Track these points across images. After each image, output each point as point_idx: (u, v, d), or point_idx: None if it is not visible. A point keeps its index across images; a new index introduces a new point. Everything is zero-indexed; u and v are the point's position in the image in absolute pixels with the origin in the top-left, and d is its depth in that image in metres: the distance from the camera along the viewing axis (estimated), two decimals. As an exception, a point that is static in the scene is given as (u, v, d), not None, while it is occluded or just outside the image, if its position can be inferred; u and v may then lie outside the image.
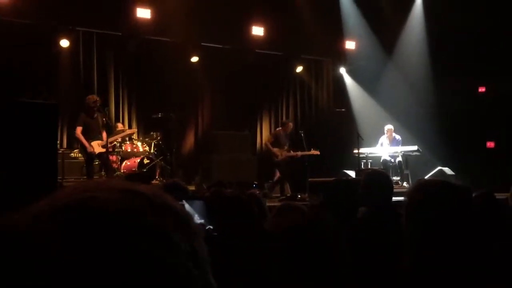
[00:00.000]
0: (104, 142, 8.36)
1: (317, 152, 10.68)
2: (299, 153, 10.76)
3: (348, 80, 14.26)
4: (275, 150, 10.67)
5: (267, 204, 3.69)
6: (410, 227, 1.69)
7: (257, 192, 3.63)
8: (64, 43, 10.70)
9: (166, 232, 0.53)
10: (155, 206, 0.54)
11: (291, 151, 10.75)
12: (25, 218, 0.51)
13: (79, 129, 8.32)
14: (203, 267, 0.55)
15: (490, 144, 13.02)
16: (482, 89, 13.37)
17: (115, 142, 9.32)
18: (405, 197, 1.81)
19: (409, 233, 1.69)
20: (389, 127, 11.57)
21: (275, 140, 10.82)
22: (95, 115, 8.40)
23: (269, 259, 1.25)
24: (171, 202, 0.56)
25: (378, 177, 3.54)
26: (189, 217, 0.57)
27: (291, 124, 11.21)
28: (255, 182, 9.90)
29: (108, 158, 8.53)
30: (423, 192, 1.70)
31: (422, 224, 1.64)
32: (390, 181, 3.81)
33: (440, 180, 2.01)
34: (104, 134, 8.45)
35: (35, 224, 0.50)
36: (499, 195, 3.41)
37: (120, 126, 10.43)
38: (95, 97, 8.60)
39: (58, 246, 0.48)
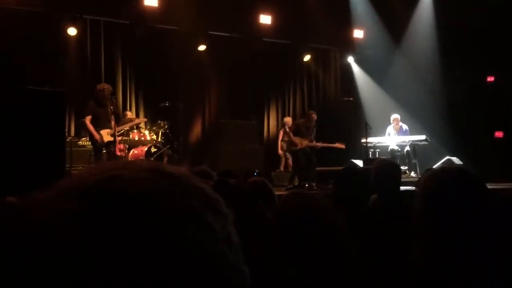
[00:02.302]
0: (112, 131, 8.37)
1: (343, 146, 10.65)
2: (320, 144, 10.75)
3: (356, 69, 14.20)
4: (295, 138, 10.73)
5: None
6: (422, 217, 1.67)
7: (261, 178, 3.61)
8: (72, 31, 10.70)
9: (200, 214, 0.50)
10: (186, 186, 0.52)
11: (314, 142, 10.77)
12: (51, 197, 0.49)
13: (88, 119, 8.31)
14: (237, 253, 0.52)
15: (499, 134, 12.94)
16: (490, 79, 13.27)
17: (123, 130, 9.33)
18: (418, 185, 1.79)
19: (421, 222, 1.67)
20: (395, 116, 11.52)
21: (297, 130, 10.89)
22: (105, 104, 8.37)
23: (271, 251, 1.23)
24: (201, 184, 0.54)
25: (387, 166, 3.53)
26: (220, 201, 0.54)
27: (314, 115, 11.15)
28: (256, 171, 9.90)
29: (115, 148, 8.52)
30: (437, 180, 1.68)
31: (435, 213, 1.62)
32: (399, 170, 3.80)
33: (457, 167, 1.99)
34: (113, 123, 8.45)
35: (62, 203, 0.48)
36: (507, 185, 3.39)
37: (129, 114, 10.44)
38: (104, 85, 8.58)
39: (88, 226, 0.46)
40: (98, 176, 0.50)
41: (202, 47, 12.04)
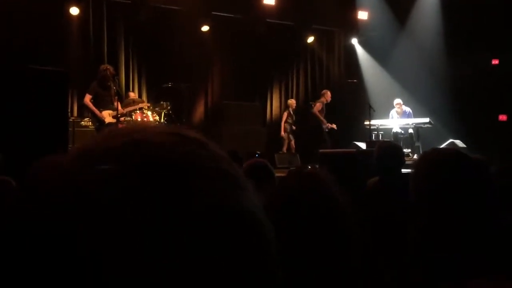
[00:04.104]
0: (115, 113, 8.34)
1: (334, 126, 11.05)
2: (334, 125, 11.30)
3: (360, 51, 14.11)
4: (322, 118, 11.14)
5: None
6: (416, 198, 1.66)
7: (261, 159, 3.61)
8: (74, 10, 10.64)
9: (234, 174, 0.51)
10: (210, 150, 0.51)
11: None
12: (75, 160, 0.48)
13: (88, 97, 8.28)
14: (262, 210, 0.52)
15: (503, 117, 12.89)
16: (495, 62, 13.18)
17: (126, 112, 9.30)
18: (412, 167, 1.78)
19: (415, 203, 1.66)
20: (397, 101, 11.50)
21: (322, 109, 11.23)
22: (109, 84, 8.32)
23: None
24: (219, 150, 0.53)
25: (390, 148, 3.52)
26: (240, 171, 0.53)
27: (329, 93, 11.46)
28: (258, 152, 9.93)
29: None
30: (430, 161, 1.67)
31: (428, 194, 1.62)
32: (402, 152, 3.79)
33: (452, 149, 1.97)
34: (118, 104, 8.44)
35: (90, 166, 0.46)
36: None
37: (132, 95, 10.41)
38: (106, 66, 8.53)
39: (134, 189, 0.45)
40: (121, 140, 0.49)
41: (205, 28, 11.96)
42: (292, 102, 12.22)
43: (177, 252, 0.43)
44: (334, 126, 11.47)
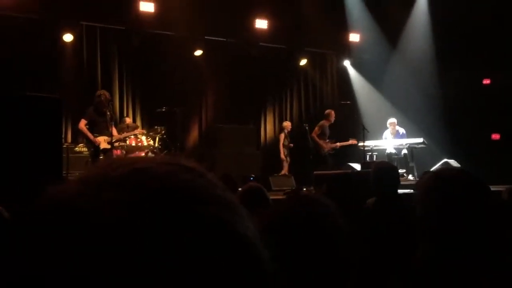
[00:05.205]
0: (110, 138, 8.33)
1: (355, 141, 10.99)
2: (338, 144, 11.08)
3: (352, 72, 14.21)
4: (321, 142, 10.94)
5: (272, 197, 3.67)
6: (425, 219, 1.66)
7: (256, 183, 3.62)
8: (68, 37, 10.68)
9: (231, 202, 0.53)
10: (207, 179, 0.54)
11: (330, 143, 11.10)
12: (75, 189, 0.49)
13: (83, 122, 8.28)
14: (257, 236, 0.53)
15: (496, 136, 12.97)
16: (487, 81, 13.31)
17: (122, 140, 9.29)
18: (417, 187, 1.79)
19: (424, 224, 1.66)
20: (391, 120, 11.54)
21: (321, 132, 11.11)
22: (104, 110, 8.31)
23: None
24: (215, 179, 0.55)
25: (386, 168, 3.53)
26: (234, 197, 0.55)
27: (333, 113, 11.39)
28: (252, 175, 9.92)
29: (112, 153, 8.49)
30: (438, 181, 1.68)
31: (438, 215, 1.62)
32: (398, 173, 3.80)
33: (456, 168, 1.98)
34: (114, 130, 8.42)
35: (99, 194, 0.48)
36: (504, 187, 3.38)
37: (128, 120, 10.43)
38: (101, 91, 8.53)
39: (134, 215, 0.46)
40: (123, 169, 0.51)
41: (198, 52, 12.03)
42: (287, 124, 12.25)
43: (175, 276, 0.45)
44: (338, 144, 11.38)
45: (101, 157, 8.71)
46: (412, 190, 6.55)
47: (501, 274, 1.45)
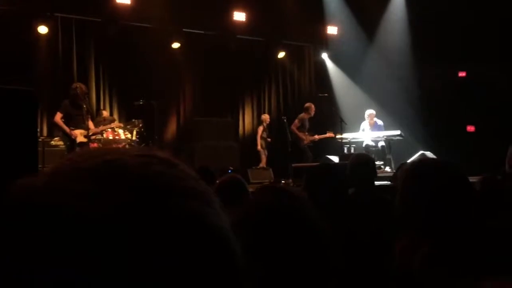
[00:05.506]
0: (86, 132, 8.24)
1: (332, 134, 11.06)
2: (317, 137, 11.15)
3: (330, 65, 14.27)
4: (301, 134, 10.99)
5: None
6: (404, 210, 1.68)
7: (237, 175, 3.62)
8: (42, 29, 10.51)
9: (204, 193, 0.52)
10: (181, 170, 0.53)
11: (309, 135, 11.17)
12: (43, 181, 0.48)
13: (58, 115, 8.16)
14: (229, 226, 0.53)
15: (471, 128, 13.16)
16: (462, 74, 13.48)
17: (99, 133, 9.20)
18: (394, 179, 1.80)
19: (403, 216, 1.68)
20: (370, 112, 11.63)
21: (301, 125, 11.16)
22: (80, 103, 8.19)
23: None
24: (188, 169, 0.55)
25: (362, 160, 3.56)
26: (208, 188, 0.55)
27: (313, 106, 11.46)
28: (231, 168, 9.93)
29: (89, 146, 8.41)
30: (416, 171, 1.69)
31: (417, 205, 1.63)
32: (374, 163, 3.85)
33: (432, 158, 2.01)
34: (91, 123, 8.32)
35: (73, 186, 0.47)
36: (477, 178, 3.43)
37: (105, 113, 10.32)
38: (77, 84, 8.41)
39: (110, 206, 0.46)
40: (93, 161, 0.50)
41: (176, 45, 11.96)
42: (266, 117, 12.28)
43: (144, 268, 0.45)
44: (316, 137, 11.46)
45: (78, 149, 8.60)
46: (389, 182, 6.62)
47: (484, 265, 1.47)
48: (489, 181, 2.76)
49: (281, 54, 13.61)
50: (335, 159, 10.48)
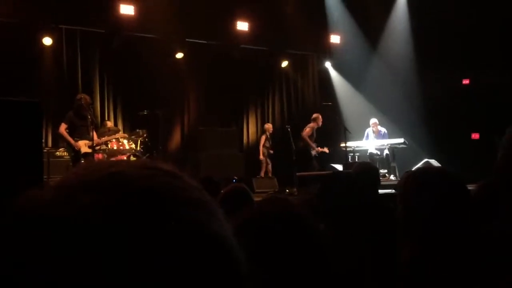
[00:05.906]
0: (91, 142, 8.26)
1: (326, 150, 11.30)
2: (326, 150, 11.28)
3: (333, 74, 14.29)
4: (312, 143, 11.08)
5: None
6: (406, 218, 1.68)
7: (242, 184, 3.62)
8: (47, 41, 10.58)
9: (206, 203, 0.53)
10: (184, 182, 0.55)
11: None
12: (50, 194, 0.50)
13: (63, 126, 8.20)
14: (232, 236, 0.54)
15: (475, 136, 13.13)
16: (466, 81, 13.48)
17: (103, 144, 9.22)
18: (398, 187, 1.81)
19: (405, 224, 1.68)
20: (373, 120, 11.64)
21: (312, 134, 11.20)
22: (85, 114, 8.23)
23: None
24: (191, 180, 0.56)
25: (366, 169, 3.56)
26: (211, 199, 0.56)
27: (321, 117, 11.48)
28: (235, 177, 9.94)
29: (93, 157, 8.42)
30: (417, 180, 1.70)
31: (420, 213, 1.63)
32: (378, 172, 3.85)
33: (435, 167, 2.01)
34: (95, 134, 8.35)
35: (76, 199, 0.48)
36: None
37: (109, 124, 10.35)
38: (81, 95, 8.46)
39: (112, 218, 0.47)
40: (99, 173, 0.51)
41: (179, 55, 12.00)
42: (269, 126, 12.28)
43: (150, 278, 0.45)
44: (326, 149, 11.45)
45: (82, 161, 8.63)
46: (393, 190, 6.61)
47: (482, 270, 1.47)
48: (484, 188, 2.75)
49: (285, 63, 13.64)
50: (339, 167, 10.48)
